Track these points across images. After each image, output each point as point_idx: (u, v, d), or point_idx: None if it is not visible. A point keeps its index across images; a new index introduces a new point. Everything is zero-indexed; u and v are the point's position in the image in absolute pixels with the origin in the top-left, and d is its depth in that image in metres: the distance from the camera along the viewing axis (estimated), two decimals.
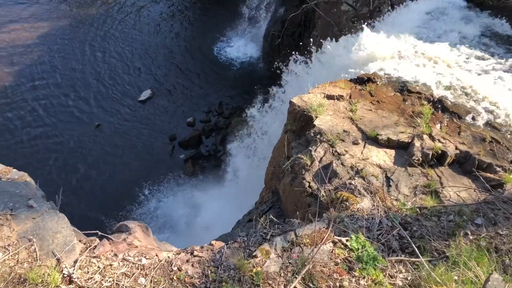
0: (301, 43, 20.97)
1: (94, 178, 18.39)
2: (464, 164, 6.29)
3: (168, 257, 3.98)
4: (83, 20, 26.70)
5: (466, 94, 7.34)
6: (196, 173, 19.10)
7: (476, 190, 5.94)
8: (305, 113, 7.44)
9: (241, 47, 26.03)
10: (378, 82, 7.91)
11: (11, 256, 3.82)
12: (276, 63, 17.94)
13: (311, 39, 17.70)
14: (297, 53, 12.15)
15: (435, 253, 4.91)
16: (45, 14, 26.73)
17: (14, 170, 4.73)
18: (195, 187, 18.43)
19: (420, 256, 4.70)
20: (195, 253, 4.07)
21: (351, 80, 8.16)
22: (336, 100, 7.68)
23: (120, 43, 25.42)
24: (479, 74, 7.79)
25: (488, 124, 6.89)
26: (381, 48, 8.89)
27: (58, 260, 3.93)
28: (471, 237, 5.06)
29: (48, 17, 26.50)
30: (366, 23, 13.63)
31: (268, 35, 23.96)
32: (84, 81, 22.82)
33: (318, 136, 6.93)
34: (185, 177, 18.95)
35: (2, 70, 22.78)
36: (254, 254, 4.17)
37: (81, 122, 20.68)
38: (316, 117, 7.28)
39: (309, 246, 4.39)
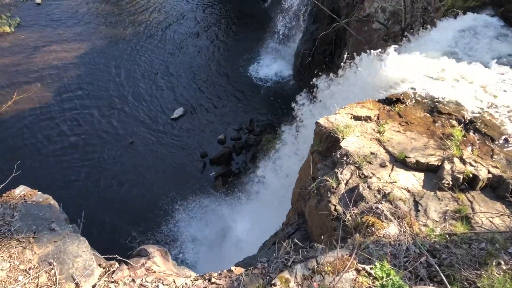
0: (332, 62, 20.95)
1: (125, 195, 18.74)
2: (497, 189, 6.05)
3: (186, 283, 3.97)
4: (119, 40, 27.57)
5: (500, 115, 7.09)
6: (226, 190, 19.17)
7: (510, 217, 5.69)
8: (332, 134, 7.36)
9: (271, 65, 26.20)
10: (407, 103, 7.76)
11: (31, 279, 3.91)
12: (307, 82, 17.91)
13: (342, 58, 17.65)
14: (327, 72, 12.07)
15: (465, 283, 4.70)
16: (83, 36, 27.75)
17: (39, 193, 4.87)
18: (225, 204, 18.49)
19: (449, 286, 4.51)
20: (213, 280, 4.04)
21: (379, 101, 8.04)
22: (363, 121, 7.57)
23: (153, 62, 26.08)
24: None
25: None
26: (411, 67, 8.74)
27: (77, 284, 4.00)
28: (504, 267, 4.83)
29: (85, 38, 27.53)
30: (397, 42, 13.48)
31: (299, 53, 24.04)
32: (118, 99, 23.46)
33: (345, 158, 6.83)
34: (215, 194, 19.05)
35: (41, 88, 23.71)
36: (273, 282, 4.10)
37: (115, 139, 21.19)
38: (343, 138, 7.19)
39: (330, 274, 4.30)
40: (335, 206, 6.25)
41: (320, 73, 13.00)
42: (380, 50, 9.90)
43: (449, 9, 11.75)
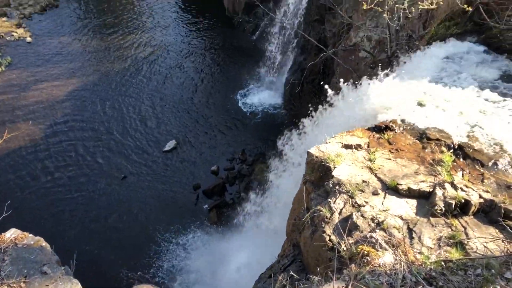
0: (321, 90, 21.21)
1: (119, 231, 18.53)
2: (489, 213, 6.08)
3: None
4: (108, 75, 27.80)
5: (488, 139, 7.19)
6: (220, 222, 19.03)
7: (504, 241, 5.70)
8: (323, 163, 7.40)
9: (262, 95, 26.48)
10: (396, 130, 7.85)
11: None
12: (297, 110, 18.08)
13: (330, 87, 17.85)
14: (316, 101, 12.22)
15: None
16: (74, 72, 27.96)
17: (30, 235, 4.81)
18: (220, 237, 18.31)
19: None
20: None
21: (368, 129, 8.13)
22: (354, 149, 7.63)
23: (143, 95, 26.24)
24: (500, 119, 7.65)
25: None
26: (398, 95, 8.88)
27: None
28: None
29: (75, 74, 27.74)
30: (383, 69, 13.73)
31: (288, 83, 24.35)
32: (110, 134, 23.47)
33: (337, 187, 6.85)
34: (210, 226, 18.88)
35: (31, 125, 23.68)
36: None
37: (108, 174, 21.09)
38: (335, 167, 7.23)
39: None
40: (329, 236, 6.23)
41: (310, 105, 13.16)
42: (367, 78, 10.08)
43: (433, 37, 12.05)
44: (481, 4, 10.73)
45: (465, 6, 10.12)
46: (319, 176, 7.56)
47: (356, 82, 11.16)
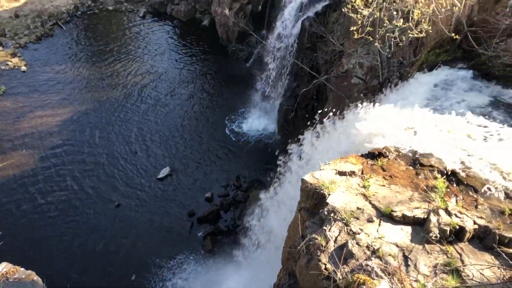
0: (314, 116, 21.36)
1: (112, 260, 18.29)
2: (484, 240, 6.07)
3: None
4: (102, 103, 27.88)
5: (479, 165, 7.25)
6: (215, 250, 18.83)
7: (500, 268, 5.68)
8: (318, 190, 7.39)
9: (256, 121, 26.64)
10: (389, 157, 7.90)
11: None
12: (291, 136, 18.16)
13: (324, 113, 17.96)
14: (310, 126, 12.31)
15: None
16: (67, 101, 28.05)
17: (22, 269, 4.73)
18: (215, 265, 18.10)
19: None
20: None
21: (362, 155, 8.17)
22: (348, 176, 7.65)
23: (137, 123, 26.31)
24: (491, 144, 7.73)
25: (505, 195, 6.72)
26: (391, 121, 8.97)
27: None
28: None
29: (69, 102, 27.85)
30: (376, 95, 13.89)
31: (282, 109, 24.53)
32: (104, 162, 23.40)
33: (332, 215, 6.83)
34: (204, 254, 18.67)
35: (25, 154, 23.59)
36: None
37: (101, 202, 20.94)
38: (329, 194, 7.22)
39: None
40: (325, 264, 6.18)
41: (302, 130, 13.23)
42: (359, 104, 10.19)
43: (423, 64, 12.25)
44: (469, 31, 10.98)
45: (453, 34, 10.36)
46: (314, 204, 7.54)
47: (348, 108, 11.29)
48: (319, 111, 14.61)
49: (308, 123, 18.68)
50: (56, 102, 27.78)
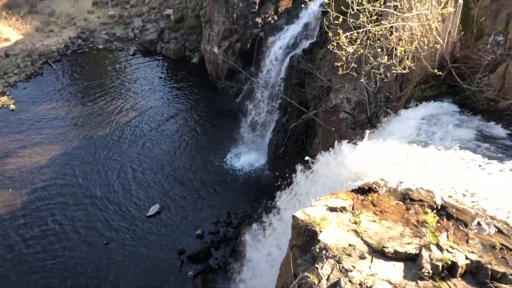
0: (304, 150, 21.49)
1: None
2: (476, 275, 6.04)
3: None
4: (90, 141, 27.82)
5: (469, 199, 7.29)
6: None
7: None
8: (309, 227, 7.35)
9: (246, 156, 26.70)
10: (379, 192, 7.92)
11: None
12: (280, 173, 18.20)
13: (313, 148, 18.07)
14: (299, 164, 12.33)
15: None
16: (56, 138, 27.94)
17: None
18: None
19: None
20: None
21: (352, 191, 8.18)
22: (339, 212, 7.63)
23: (125, 160, 26.21)
24: (479, 178, 7.80)
25: (495, 229, 6.74)
26: (379, 156, 9.05)
27: None
28: None
29: (58, 141, 27.73)
30: (364, 130, 14.06)
31: (272, 144, 24.68)
32: (92, 200, 23.13)
33: (324, 252, 6.77)
34: None
35: (13, 193, 23.27)
36: None
37: (89, 241, 20.55)
38: (320, 231, 7.18)
39: None
40: None
41: (292, 165, 13.26)
42: (347, 141, 10.28)
43: (409, 99, 12.48)
44: (453, 67, 11.27)
45: (437, 70, 10.63)
46: (305, 241, 7.48)
47: (338, 143, 11.37)
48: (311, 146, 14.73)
49: (298, 157, 18.77)
50: (45, 140, 27.64)
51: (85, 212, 22.29)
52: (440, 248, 6.39)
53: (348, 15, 10.53)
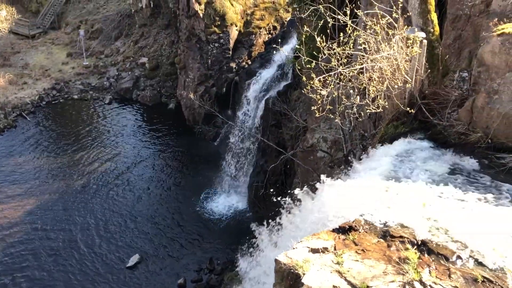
0: (284, 191, 21.51)
1: None
2: None
3: None
4: (66, 192, 27.21)
5: (446, 233, 7.37)
6: None
7: None
8: (292, 271, 7.27)
9: (226, 200, 26.54)
10: (360, 230, 7.94)
11: None
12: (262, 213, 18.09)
13: (293, 187, 18.08)
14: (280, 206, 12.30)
15: None
16: (30, 191, 27.23)
17: None
18: None
19: None
20: None
21: (333, 230, 8.17)
22: (321, 253, 7.59)
23: (103, 211, 25.68)
24: (456, 212, 7.92)
25: (475, 262, 6.79)
26: (357, 194, 9.12)
27: None
28: None
29: (33, 194, 27.03)
30: (342, 168, 14.22)
31: (252, 186, 24.63)
32: (69, 253, 22.43)
33: None
34: None
35: None
36: None
37: None
38: (304, 274, 7.10)
39: None
40: None
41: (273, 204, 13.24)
42: (324, 180, 10.33)
43: (384, 136, 12.76)
44: (423, 104, 11.65)
45: (407, 108, 10.97)
46: (289, 285, 7.37)
47: (316, 183, 11.43)
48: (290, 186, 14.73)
49: (279, 198, 18.73)
50: (18, 194, 26.92)
51: (61, 265, 21.54)
52: (424, 285, 6.38)
53: (320, 59, 10.90)
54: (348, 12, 11.28)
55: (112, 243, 22.97)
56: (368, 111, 11.38)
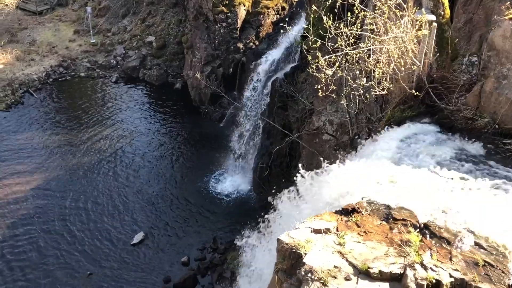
0: (289, 173, 21.54)
1: None
2: None
3: None
4: (73, 169, 27.40)
5: (451, 217, 7.37)
6: None
7: None
8: (294, 250, 7.32)
9: (231, 181, 26.62)
10: (363, 212, 7.95)
11: None
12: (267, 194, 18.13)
13: (297, 170, 18.05)
14: (284, 187, 12.32)
15: None
16: (37, 168, 27.43)
17: None
18: None
19: None
20: None
21: (336, 212, 8.19)
22: (323, 234, 7.62)
23: (109, 188, 25.86)
24: (460, 196, 7.91)
25: (477, 246, 6.80)
26: (362, 177, 9.12)
27: None
28: None
29: (39, 170, 27.21)
30: (347, 151, 14.18)
31: (256, 168, 24.66)
32: (76, 228, 22.72)
33: (309, 275, 6.74)
34: None
35: None
36: None
37: (71, 272, 20.07)
38: (305, 253, 7.15)
39: None
40: None
41: (278, 188, 13.25)
42: (330, 162, 10.33)
43: (390, 119, 12.68)
44: (430, 88, 11.53)
45: (414, 91, 10.86)
46: (291, 264, 7.43)
47: (321, 165, 11.42)
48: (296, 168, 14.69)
49: (283, 180, 18.73)
50: (26, 170, 27.16)
51: (68, 241, 21.83)
52: (424, 267, 6.42)
53: (327, 39, 10.76)
54: None
55: (117, 221, 23.21)
56: (374, 93, 11.29)
